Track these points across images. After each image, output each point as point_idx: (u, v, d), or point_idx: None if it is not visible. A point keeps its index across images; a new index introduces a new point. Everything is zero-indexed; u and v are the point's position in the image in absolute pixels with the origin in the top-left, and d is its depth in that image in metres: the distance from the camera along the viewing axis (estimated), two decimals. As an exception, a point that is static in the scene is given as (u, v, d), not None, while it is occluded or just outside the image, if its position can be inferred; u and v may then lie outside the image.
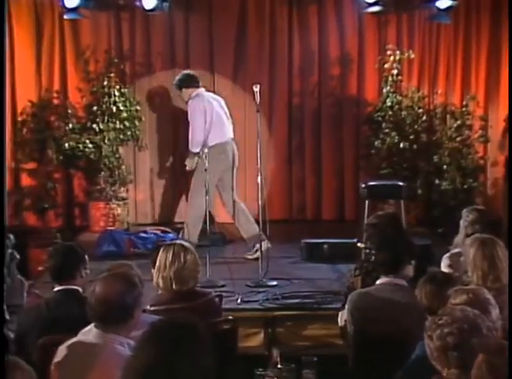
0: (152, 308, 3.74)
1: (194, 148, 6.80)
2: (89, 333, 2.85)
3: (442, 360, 2.44)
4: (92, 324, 2.87)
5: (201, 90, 7.02)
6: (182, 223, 7.08)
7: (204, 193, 6.10)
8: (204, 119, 6.74)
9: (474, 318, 2.49)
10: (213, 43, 8.70)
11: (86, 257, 3.83)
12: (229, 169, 6.78)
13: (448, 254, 4.70)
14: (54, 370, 2.81)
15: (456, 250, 4.65)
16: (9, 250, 4.82)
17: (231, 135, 7.02)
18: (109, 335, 2.79)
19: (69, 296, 3.61)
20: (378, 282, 3.83)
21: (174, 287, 3.77)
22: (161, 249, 3.89)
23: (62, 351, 2.82)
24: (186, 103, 7.04)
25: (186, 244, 3.98)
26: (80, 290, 3.64)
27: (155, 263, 3.84)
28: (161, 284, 3.81)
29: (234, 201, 6.83)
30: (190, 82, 7.03)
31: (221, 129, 6.86)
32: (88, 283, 3.25)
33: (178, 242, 4.12)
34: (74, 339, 2.86)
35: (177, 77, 7.23)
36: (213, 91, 7.68)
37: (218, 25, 8.67)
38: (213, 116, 6.80)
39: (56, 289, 3.69)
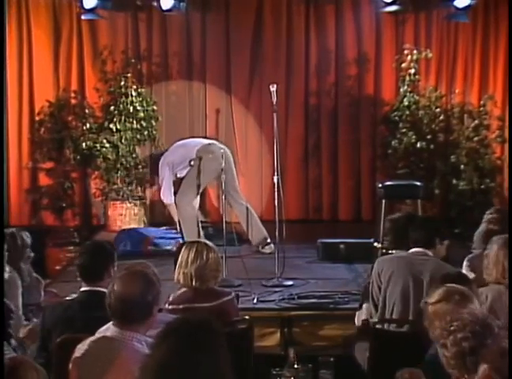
0: (171, 307, 3.74)
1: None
2: (107, 331, 2.85)
3: (460, 367, 2.40)
4: (111, 323, 2.87)
5: None
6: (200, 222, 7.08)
7: (194, 193, 6.21)
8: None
9: (484, 318, 2.47)
10: (230, 42, 8.72)
11: (115, 254, 3.74)
12: (227, 169, 6.61)
13: (468, 257, 4.67)
14: (73, 366, 2.81)
15: (476, 252, 4.63)
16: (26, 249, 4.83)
17: (206, 141, 7.09)
18: (127, 332, 2.79)
19: (94, 298, 3.51)
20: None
21: (194, 284, 3.78)
22: (184, 246, 3.89)
23: (81, 348, 2.82)
24: None
25: (209, 243, 3.96)
26: (106, 291, 3.58)
27: (177, 260, 3.85)
28: (181, 281, 3.82)
29: (240, 204, 6.85)
30: None
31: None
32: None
33: (201, 240, 4.12)
34: (93, 337, 2.87)
35: None
36: (230, 91, 7.62)
37: (235, 25, 8.69)
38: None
39: (82, 289, 3.63)
